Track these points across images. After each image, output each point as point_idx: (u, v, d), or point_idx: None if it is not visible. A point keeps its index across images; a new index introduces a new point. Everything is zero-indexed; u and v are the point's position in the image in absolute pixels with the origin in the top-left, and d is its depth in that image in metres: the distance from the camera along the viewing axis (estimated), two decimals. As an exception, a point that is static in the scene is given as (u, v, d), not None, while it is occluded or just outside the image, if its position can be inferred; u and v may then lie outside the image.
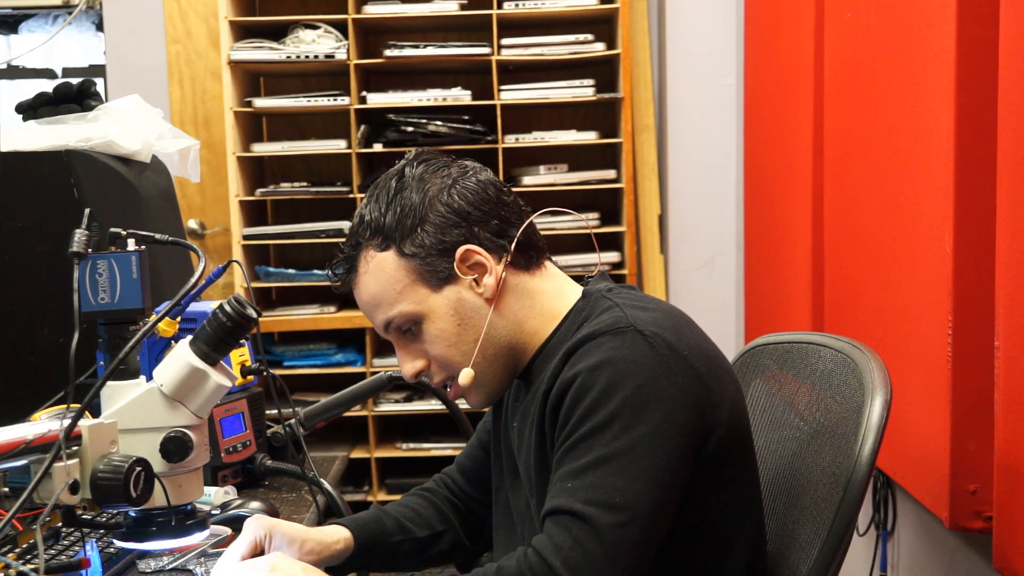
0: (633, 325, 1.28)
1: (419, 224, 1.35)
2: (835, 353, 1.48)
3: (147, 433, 1.22)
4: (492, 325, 1.37)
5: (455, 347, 1.38)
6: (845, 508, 1.31)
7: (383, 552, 1.52)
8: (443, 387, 1.44)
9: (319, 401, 1.91)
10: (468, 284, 1.36)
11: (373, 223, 1.37)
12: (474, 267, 1.37)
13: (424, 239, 1.35)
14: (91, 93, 2.12)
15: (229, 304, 1.25)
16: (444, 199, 1.36)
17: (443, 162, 1.41)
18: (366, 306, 1.40)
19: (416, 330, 1.38)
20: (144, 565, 1.48)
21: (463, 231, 1.36)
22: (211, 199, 3.79)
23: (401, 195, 1.37)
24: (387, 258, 1.36)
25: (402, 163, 1.41)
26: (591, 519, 1.21)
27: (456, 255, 1.36)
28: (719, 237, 3.65)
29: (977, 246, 1.68)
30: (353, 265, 1.39)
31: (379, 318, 1.39)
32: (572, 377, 1.27)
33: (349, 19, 3.38)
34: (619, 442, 1.23)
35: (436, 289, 1.36)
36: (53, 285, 1.78)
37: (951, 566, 2.09)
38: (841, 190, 2.40)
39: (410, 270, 1.36)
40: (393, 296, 1.36)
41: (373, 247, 1.37)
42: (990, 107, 1.60)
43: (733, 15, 3.61)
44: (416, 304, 1.36)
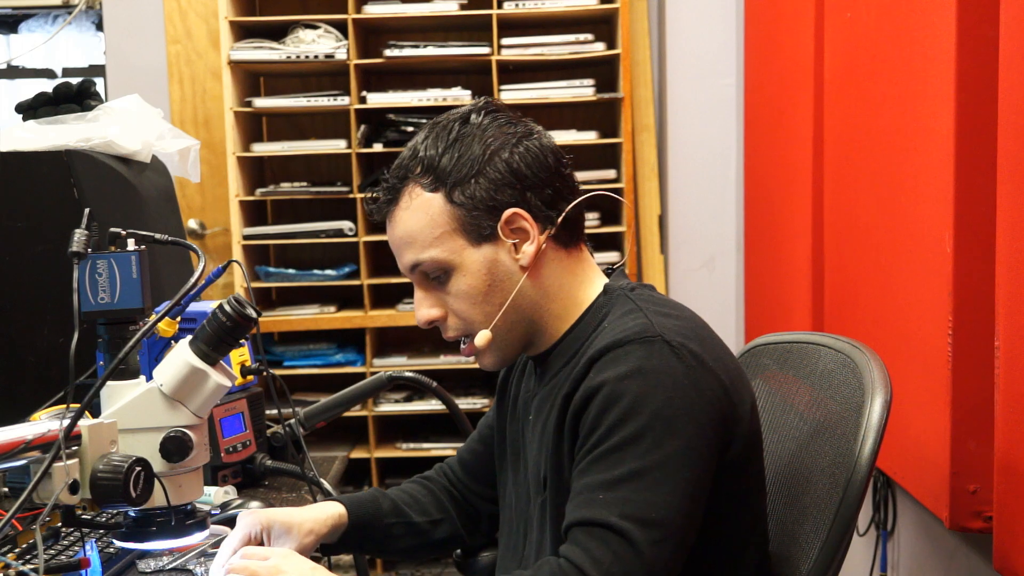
0: (661, 335, 1.25)
1: (475, 176, 1.32)
2: (835, 353, 1.48)
3: (147, 433, 1.22)
4: (520, 293, 1.34)
5: (479, 306, 1.35)
6: (845, 508, 1.31)
7: (377, 533, 1.51)
8: (454, 341, 1.40)
9: (319, 401, 1.91)
10: (507, 247, 1.33)
11: (427, 160, 1.33)
12: (517, 231, 1.34)
13: (476, 192, 1.32)
14: (91, 93, 2.12)
15: (229, 304, 1.25)
16: (505, 156, 1.32)
17: (509, 117, 1.37)
18: (398, 241, 1.36)
19: (443, 279, 1.35)
20: (144, 565, 1.48)
21: (516, 193, 1.33)
22: (211, 199, 3.79)
23: (462, 141, 1.33)
24: (433, 200, 1.32)
25: (468, 107, 1.37)
26: (629, 535, 1.18)
27: (503, 216, 1.32)
28: (719, 237, 3.64)
29: (977, 246, 1.68)
30: (395, 196, 1.35)
31: (408, 257, 1.36)
32: (599, 385, 1.25)
33: (349, 19, 3.38)
34: (652, 456, 1.20)
35: (474, 244, 1.33)
36: (53, 285, 1.78)
37: (951, 566, 2.09)
38: (841, 190, 2.40)
39: (453, 218, 1.32)
40: (429, 239, 1.33)
41: (421, 185, 1.33)
42: (990, 107, 1.60)
43: (733, 15, 3.61)
44: (450, 253, 1.33)
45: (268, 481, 1.90)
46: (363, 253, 3.47)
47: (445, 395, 1.95)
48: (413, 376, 1.95)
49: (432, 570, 3.56)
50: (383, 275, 3.60)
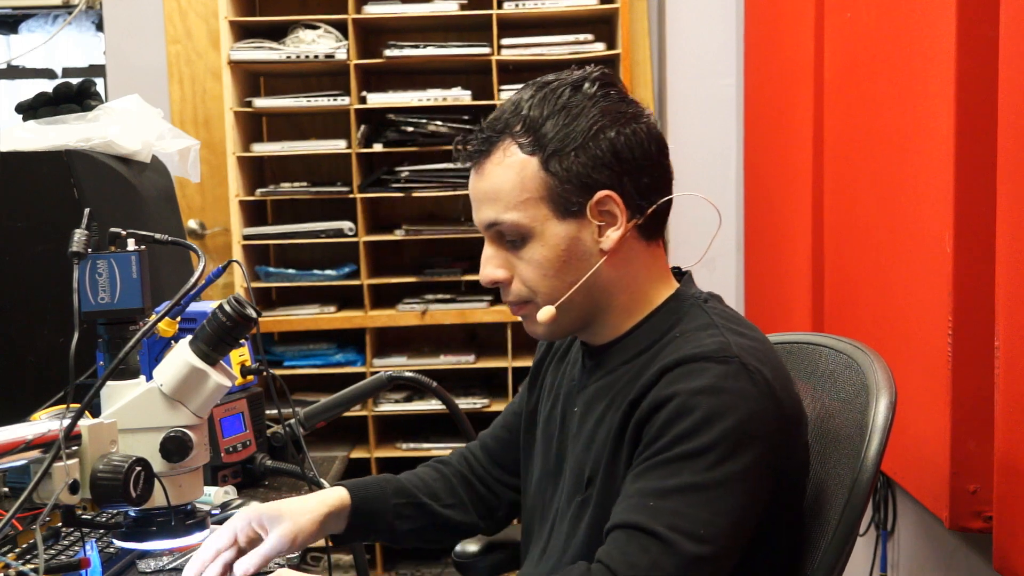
0: (739, 357, 1.23)
1: (576, 149, 1.27)
2: (836, 354, 1.48)
3: (147, 433, 1.22)
4: (594, 277, 1.30)
5: (548, 279, 1.31)
6: (851, 509, 1.30)
7: (383, 515, 1.47)
8: (511, 304, 1.36)
9: (319, 401, 1.91)
10: (592, 228, 1.30)
11: (530, 120, 1.29)
12: (604, 214, 1.30)
13: (573, 165, 1.28)
14: (91, 93, 2.12)
15: (229, 304, 1.25)
16: (611, 136, 1.28)
17: (622, 94, 1.33)
18: (481, 195, 1.32)
19: (518, 243, 1.31)
20: (144, 565, 1.48)
21: (613, 175, 1.29)
22: (211, 199, 3.79)
23: (570, 110, 1.29)
24: (528, 163, 1.28)
25: (581, 74, 1.33)
26: (674, 545, 1.16)
27: (595, 196, 1.29)
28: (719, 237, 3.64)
29: (977, 246, 1.68)
30: (488, 148, 1.31)
31: (487, 213, 1.31)
32: (670, 395, 1.22)
33: (349, 19, 3.38)
34: (712, 473, 1.18)
35: (559, 217, 1.29)
36: (53, 285, 1.77)
37: (951, 566, 2.09)
38: (841, 190, 2.40)
39: (544, 186, 1.28)
40: (515, 201, 1.29)
41: (519, 143, 1.29)
42: (990, 107, 1.60)
43: (733, 15, 3.61)
44: (532, 220, 1.29)
45: (268, 481, 1.90)
46: (363, 253, 3.47)
47: (445, 395, 1.95)
48: (413, 376, 1.95)
49: (432, 570, 3.57)
50: (383, 275, 3.61)
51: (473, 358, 3.54)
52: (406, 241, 3.53)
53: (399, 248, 3.71)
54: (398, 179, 3.45)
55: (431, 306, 3.49)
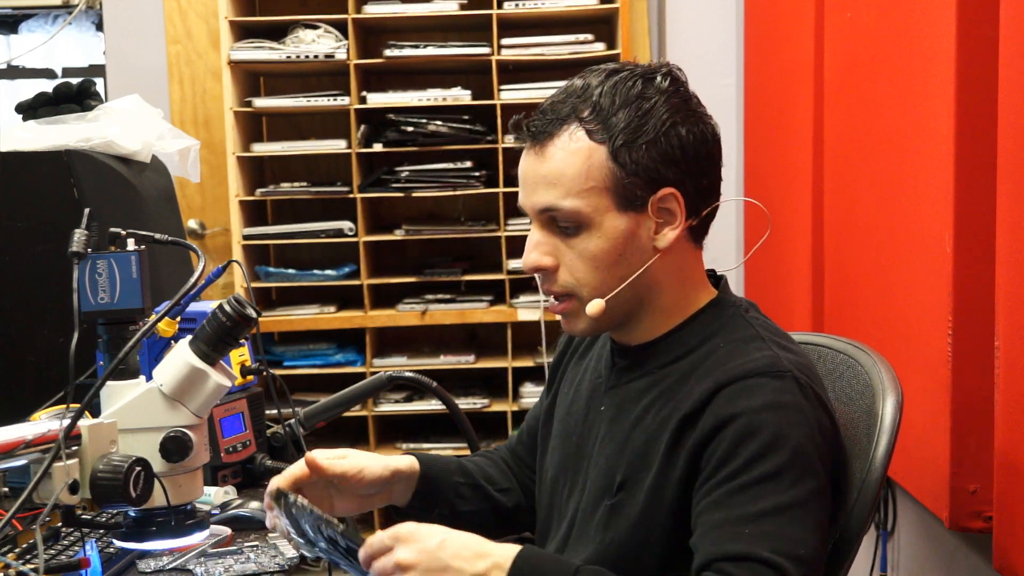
0: (791, 371, 1.22)
1: (648, 143, 1.24)
2: (836, 354, 1.48)
3: (147, 433, 1.22)
4: (644, 275, 1.28)
5: (599, 272, 1.27)
6: (860, 508, 1.30)
7: (447, 490, 1.46)
8: (550, 295, 1.32)
9: (319, 401, 1.91)
10: (650, 225, 1.27)
11: (601, 109, 1.25)
12: (663, 212, 1.27)
13: (643, 159, 1.24)
14: (91, 93, 2.12)
15: (229, 304, 1.25)
16: (681, 132, 1.26)
17: (688, 91, 1.30)
18: (539, 177, 1.27)
19: (572, 231, 1.27)
20: (144, 565, 1.48)
21: (679, 173, 1.26)
22: (211, 199, 3.79)
23: (643, 101, 1.25)
24: (596, 150, 1.24)
25: (649, 67, 1.29)
26: (783, 570, 1.13)
27: (659, 192, 1.26)
28: (719, 237, 3.64)
29: (977, 246, 1.68)
30: (553, 131, 1.26)
31: (545, 197, 1.26)
32: (733, 415, 1.20)
33: (349, 19, 3.38)
34: (796, 492, 1.17)
35: (620, 209, 1.25)
36: (53, 285, 1.77)
37: (951, 566, 2.09)
38: (841, 190, 2.40)
39: (610, 176, 1.24)
40: (576, 188, 1.25)
41: (587, 129, 1.25)
42: (990, 107, 1.60)
43: (733, 15, 3.61)
44: (593, 210, 1.25)
45: (268, 481, 1.90)
46: (363, 253, 3.47)
47: (445, 395, 1.94)
48: (413, 376, 1.95)
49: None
50: (383, 275, 3.61)
51: (473, 358, 3.53)
52: (406, 241, 3.53)
53: (399, 248, 3.71)
54: (398, 179, 3.45)
55: (431, 306, 3.49)
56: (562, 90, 1.29)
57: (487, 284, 3.53)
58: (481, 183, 3.42)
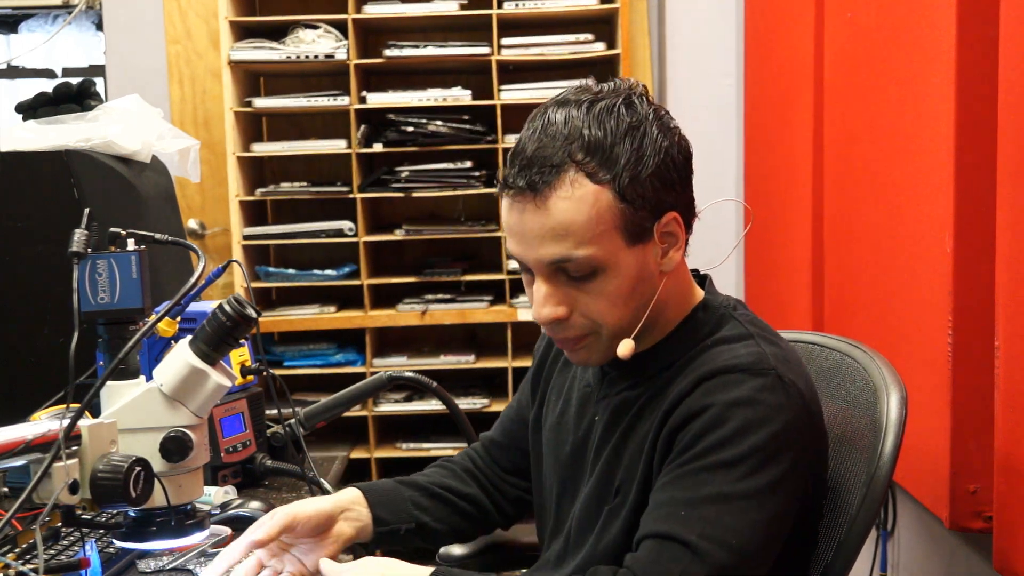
0: (775, 368, 1.22)
1: (650, 172, 1.21)
2: (834, 353, 1.48)
3: (147, 433, 1.22)
4: (656, 299, 1.27)
5: (617, 309, 1.24)
6: (869, 504, 1.30)
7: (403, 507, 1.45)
8: (570, 339, 1.28)
9: (319, 401, 1.91)
10: (656, 250, 1.25)
11: (596, 147, 1.20)
12: (667, 237, 1.25)
13: (647, 190, 1.21)
14: (91, 93, 2.12)
15: (229, 304, 1.25)
16: (674, 154, 1.23)
17: (658, 106, 1.26)
18: (544, 231, 1.21)
19: (586, 277, 1.23)
20: (144, 565, 1.48)
21: (677, 195, 1.24)
22: (211, 199, 3.79)
23: (635, 130, 1.21)
24: (601, 193, 1.19)
25: (622, 90, 1.24)
26: (705, 555, 1.14)
27: (664, 218, 1.23)
28: (719, 237, 3.64)
29: (977, 246, 1.68)
30: (552, 180, 1.19)
31: (555, 250, 1.21)
32: (705, 406, 1.20)
33: (349, 19, 3.38)
34: (743, 484, 1.17)
35: (629, 244, 1.22)
36: (53, 285, 1.77)
37: (951, 566, 2.09)
38: (841, 190, 2.40)
39: (619, 215, 1.20)
40: (589, 235, 1.20)
41: (586, 172, 1.19)
42: (990, 107, 1.60)
43: (733, 15, 3.61)
44: (608, 253, 1.21)
45: (268, 481, 1.90)
46: (363, 253, 3.47)
47: (445, 395, 1.94)
48: (413, 376, 1.95)
49: (432, 570, 3.56)
50: (383, 275, 3.61)
51: (473, 358, 3.53)
52: (406, 241, 3.53)
53: (399, 248, 3.71)
54: (398, 179, 3.45)
55: (431, 306, 3.49)
56: (541, 132, 1.22)
57: (487, 284, 3.53)
58: (481, 183, 3.42)
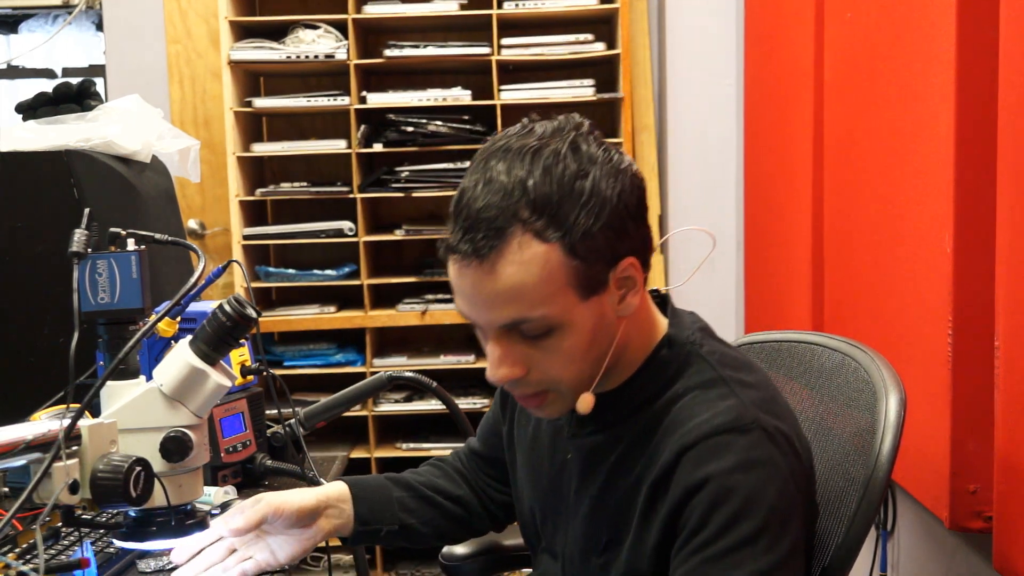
0: (757, 420, 1.17)
1: (601, 225, 1.13)
2: (832, 352, 1.48)
3: (147, 433, 1.23)
4: (616, 344, 1.21)
5: (575, 364, 1.19)
6: (867, 504, 1.29)
7: (389, 507, 1.44)
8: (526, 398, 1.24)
9: (319, 401, 1.91)
10: (613, 297, 1.18)
11: (542, 203, 1.12)
12: (624, 281, 1.18)
13: (600, 243, 1.14)
14: (91, 93, 2.12)
15: (229, 304, 1.25)
16: (625, 198, 1.16)
17: (606, 143, 1.19)
18: (493, 295, 1.14)
19: (541, 336, 1.16)
20: (144, 565, 1.47)
21: (632, 240, 1.17)
22: (211, 199, 3.79)
23: (583, 181, 1.13)
24: (551, 252, 1.12)
25: (570, 132, 1.16)
26: None
27: (620, 266, 1.17)
28: (719, 237, 3.64)
29: (977, 246, 1.68)
30: (498, 244, 1.12)
31: (507, 313, 1.15)
32: (702, 480, 1.14)
33: (349, 19, 3.38)
34: (772, 556, 1.13)
35: (583, 299, 1.15)
36: (53, 285, 1.77)
37: (951, 566, 2.09)
38: (841, 190, 2.40)
39: (571, 272, 1.13)
40: (541, 297, 1.13)
41: (533, 231, 1.12)
42: (990, 107, 1.60)
43: (733, 15, 3.61)
44: (563, 311, 1.15)
45: (268, 481, 1.90)
46: (363, 253, 3.47)
47: (445, 395, 1.95)
48: (413, 376, 1.95)
49: (432, 570, 3.56)
50: (383, 275, 3.61)
51: (473, 358, 3.53)
52: (406, 241, 3.53)
53: (399, 248, 3.71)
54: (398, 179, 3.45)
55: (431, 306, 3.49)
56: (484, 187, 1.13)
57: (487, 284, 3.53)
58: (481, 183, 3.42)
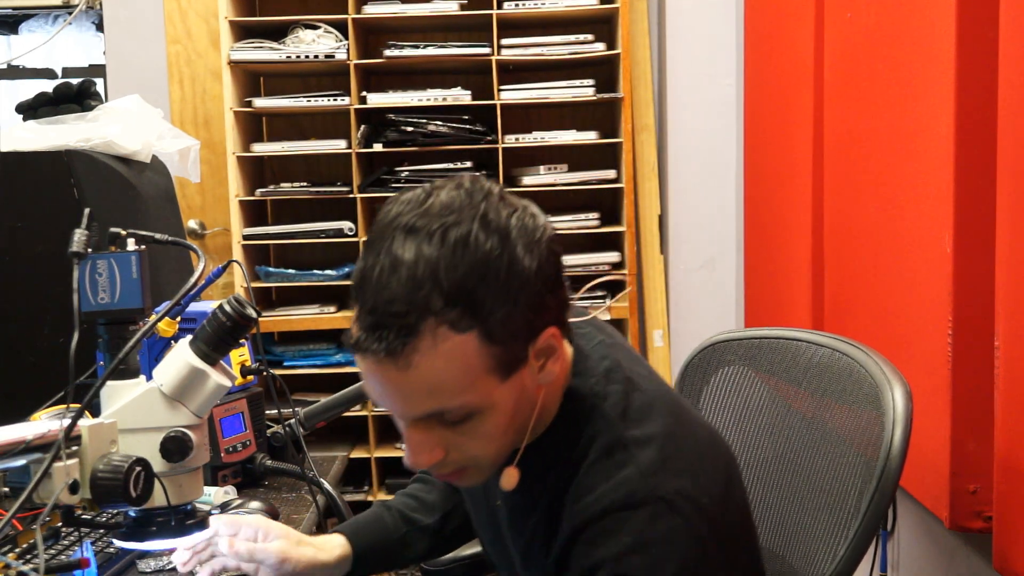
0: (654, 492, 1.09)
1: (520, 304, 1.05)
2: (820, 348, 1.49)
3: (147, 433, 1.22)
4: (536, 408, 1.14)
5: (496, 442, 1.13)
6: (880, 497, 1.29)
7: (390, 551, 1.46)
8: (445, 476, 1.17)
9: (319, 401, 1.91)
10: (533, 369, 1.10)
11: (455, 292, 1.02)
12: (545, 351, 1.11)
13: (517, 323, 1.06)
14: (91, 93, 2.12)
15: (229, 304, 1.25)
16: (544, 269, 1.08)
17: (516, 204, 1.09)
18: (409, 390, 1.06)
19: (461, 420, 1.10)
20: (144, 565, 1.48)
21: (551, 309, 1.10)
22: (211, 199, 3.79)
23: (496, 260, 1.03)
24: (468, 343, 1.04)
25: (478, 204, 1.06)
26: None
27: (539, 339, 1.09)
28: (719, 237, 3.64)
29: (977, 246, 1.68)
30: (409, 339, 1.03)
31: (427, 406, 1.08)
32: (595, 565, 1.08)
33: (349, 19, 3.38)
34: None
35: (503, 379, 1.08)
36: (53, 285, 1.77)
37: (951, 566, 2.09)
38: (841, 190, 2.40)
39: (490, 358, 1.06)
40: (461, 388, 1.06)
41: (448, 323, 1.02)
42: (990, 107, 1.60)
43: (733, 15, 3.61)
44: (483, 397, 1.08)
45: (268, 481, 1.90)
46: (363, 253, 3.46)
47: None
48: (413, 376, 1.94)
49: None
50: (383, 275, 3.60)
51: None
52: (406, 241, 3.52)
53: (399, 248, 3.71)
54: (398, 179, 3.45)
55: (431, 306, 3.48)
56: (390, 275, 1.04)
57: (487, 284, 3.53)
58: (481, 183, 3.42)
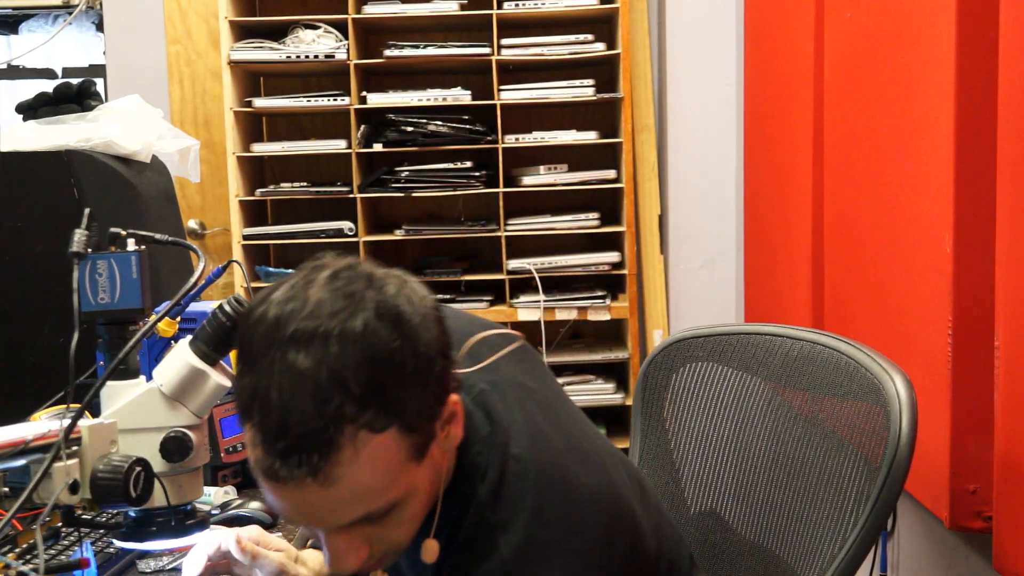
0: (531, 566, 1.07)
1: (427, 385, 1.03)
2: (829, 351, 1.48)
3: (147, 433, 1.22)
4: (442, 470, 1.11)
5: (418, 521, 1.09)
6: (891, 484, 1.29)
7: None
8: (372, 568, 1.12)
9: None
10: (440, 438, 1.07)
11: (367, 394, 0.97)
12: (448, 419, 1.08)
13: (427, 405, 1.03)
14: (91, 93, 2.12)
15: (229, 304, 1.25)
16: (441, 341, 1.05)
17: (393, 275, 1.05)
18: (336, 504, 1.00)
19: (386, 515, 1.05)
20: (144, 565, 1.48)
21: (451, 378, 1.07)
22: (211, 199, 3.79)
23: (399, 351, 0.99)
24: (388, 439, 1.00)
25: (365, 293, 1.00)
26: None
27: (445, 411, 1.06)
28: (719, 237, 3.64)
29: (977, 246, 1.68)
30: (331, 454, 0.97)
31: (349, 515, 1.02)
32: None
33: (349, 19, 3.38)
34: None
35: (419, 462, 1.04)
36: (53, 285, 1.78)
37: (951, 566, 2.09)
38: (841, 190, 2.40)
39: (408, 446, 1.02)
40: (387, 484, 1.02)
41: (367, 428, 0.98)
42: (990, 107, 1.60)
43: (733, 15, 3.61)
44: (406, 486, 1.04)
45: (268, 481, 1.90)
46: (363, 253, 3.46)
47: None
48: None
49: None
50: (383, 275, 3.60)
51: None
52: (406, 241, 3.53)
53: (399, 248, 3.71)
54: (398, 179, 3.45)
55: (431, 306, 3.48)
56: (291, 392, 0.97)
57: (487, 284, 3.53)
58: (481, 183, 3.42)
